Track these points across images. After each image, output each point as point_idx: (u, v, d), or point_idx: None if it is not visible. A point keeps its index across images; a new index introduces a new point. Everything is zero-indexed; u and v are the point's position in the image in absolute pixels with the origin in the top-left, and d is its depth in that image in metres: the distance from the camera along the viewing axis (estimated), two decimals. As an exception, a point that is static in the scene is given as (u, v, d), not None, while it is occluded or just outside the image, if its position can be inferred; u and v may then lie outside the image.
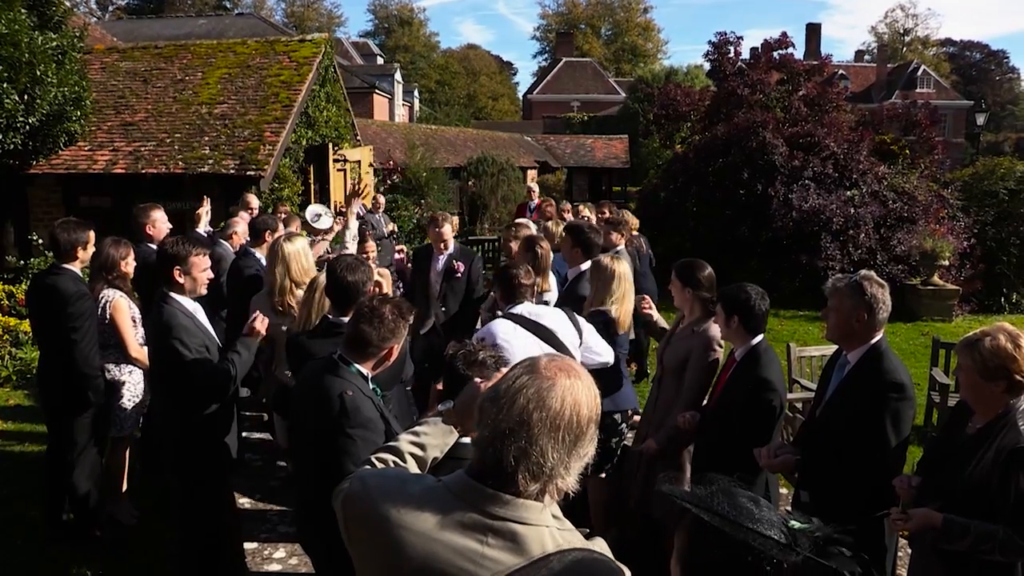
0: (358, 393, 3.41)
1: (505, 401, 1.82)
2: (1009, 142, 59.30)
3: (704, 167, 17.36)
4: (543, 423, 1.78)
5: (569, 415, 1.79)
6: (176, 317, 4.60)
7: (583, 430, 1.81)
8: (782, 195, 15.96)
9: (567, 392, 1.81)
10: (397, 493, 1.94)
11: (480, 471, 1.84)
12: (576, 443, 1.81)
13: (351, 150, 17.31)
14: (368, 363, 3.54)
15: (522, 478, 1.78)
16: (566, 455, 1.80)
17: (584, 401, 1.82)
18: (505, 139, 35.84)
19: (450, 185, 25.01)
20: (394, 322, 3.51)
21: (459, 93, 76.66)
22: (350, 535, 2.01)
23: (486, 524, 1.80)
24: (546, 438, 1.78)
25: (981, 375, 3.39)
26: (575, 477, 1.84)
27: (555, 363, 1.88)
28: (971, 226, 16.61)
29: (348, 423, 3.32)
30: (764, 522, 1.53)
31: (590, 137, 40.27)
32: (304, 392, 3.63)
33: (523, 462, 1.78)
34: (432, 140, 27.29)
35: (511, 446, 1.78)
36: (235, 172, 12.55)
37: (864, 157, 17.03)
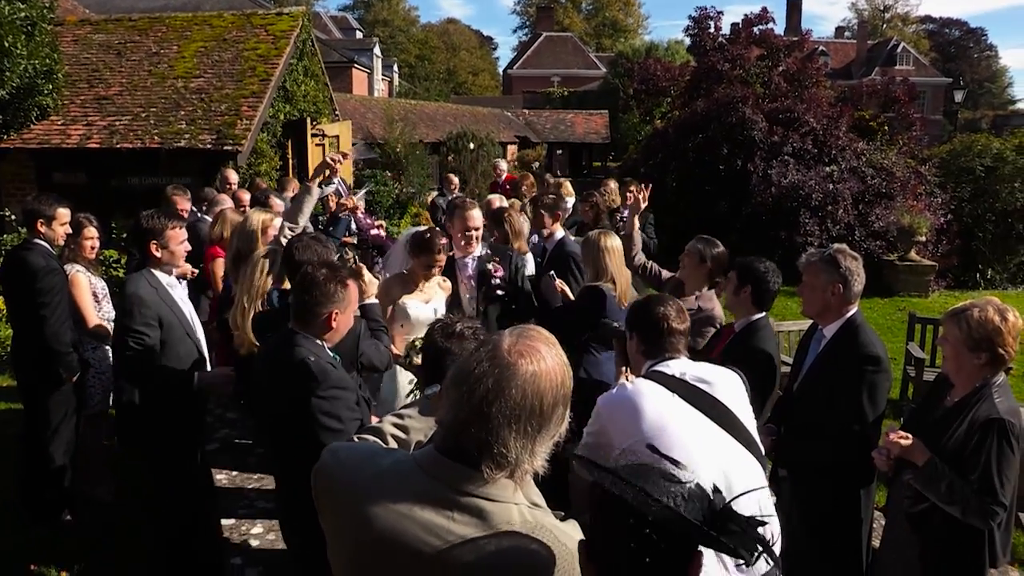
0: (319, 360, 3.38)
1: (465, 389, 1.77)
2: (986, 119, 59.68)
3: (684, 142, 17.37)
4: (502, 415, 1.73)
5: (531, 404, 1.74)
6: (139, 288, 4.56)
7: (547, 416, 1.77)
8: (761, 170, 16.00)
9: (528, 381, 1.75)
10: (367, 466, 1.93)
11: (448, 448, 1.82)
12: (541, 430, 1.77)
13: (330, 125, 17.16)
14: (316, 332, 3.49)
15: (486, 467, 1.76)
16: (530, 443, 1.76)
17: (547, 387, 1.77)
18: (485, 114, 35.72)
19: (429, 160, 24.85)
20: (327, 285, 3.45)
21: (439, 68, 76.15)
22: (321, 508, 2.00)
23: (453, 500, 1.78)
24: (506, 430, 1.73)
25: (966, 345, 3.44)
26: (543, 459, 1.80)
27: (518, 345, 1.80)
28: (948, 202, 16.73)
29: (319, 387, 3.30)
30: (664, 490, 1.54)
31: (570, 112, 40.21)
32: (266, 367, 3.59)
33: (486, 452, 1.75)
34: (411, 115, 27.11)
35: (472, 437, 1.75)
36: (212, 147, 12.37)
37: (843, 133, 17.09)
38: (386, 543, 1.79)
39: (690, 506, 1.54)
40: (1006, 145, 19.00)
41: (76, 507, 5.75)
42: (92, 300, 5.84)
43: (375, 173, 20.56)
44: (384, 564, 1.82)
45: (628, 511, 1.52)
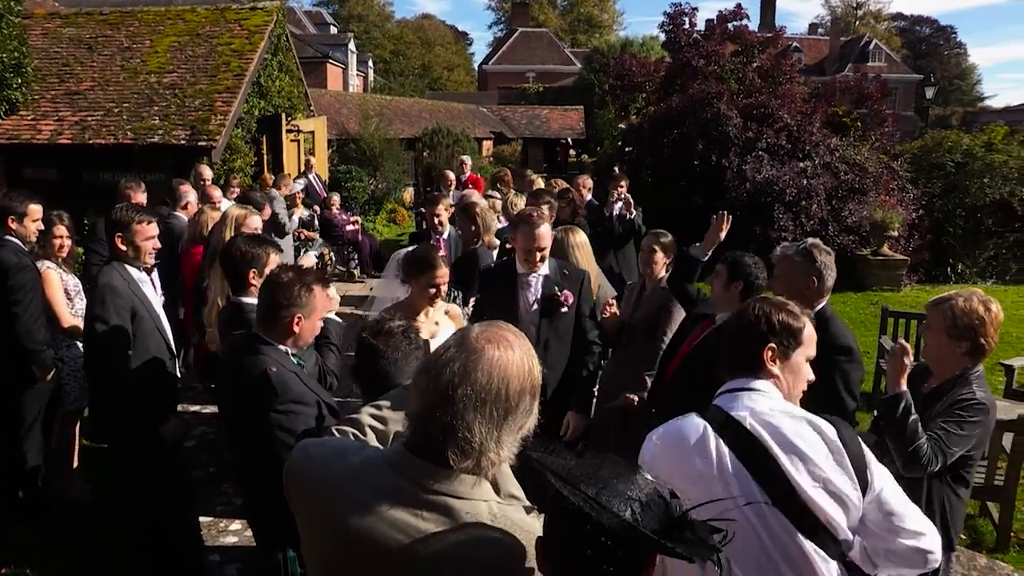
0: (282, 370, 3.35)
1: (432, 375, 1.78)
2: (956, 116, 60.28)
3: (659, 138, 17.38)
4: (468, 399, 1.74)
5: (497, 388, 1.75)
6: (112, 278, 4.55)
7: (513, 404, 1.77)
8: (736, 166, 16.05)
9: (494, 365, 1.76)
10: (337, 464, 1.93)
11: (415, 444, 1.83)
12: (506, 417, 1.77)
13: (305, 120, 17.09)
14: (278, 337, 3.45)
15: (451, 454, 1.76)
16: (495, 430, 1.76)
17: (514, 374, 1.78)
18: (460, 110, 35.64)
19: (405, 156, 24.77)
20: (292, 288, 3.42)
21: (414, 64, 75.81)
22: (294, 505, 2.00)
23: (421, 497, 1.78)
24: (472, 413, 1.74)
25: (948, 333, 3.53)
26: (510, 450, 1.80)
27: (486, 333, 1.82)
28: (919, 197, 16.90)
29: (277, 400, 3.27)
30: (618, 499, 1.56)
31: (545, 108, 40.20)
32: (227, 373, 3.57)
33: (451, 438, 1.75)
34: (387, 111, 26.96)
35: (438, 422, 1.76)
36: (186, 143, 12.30)
37: (817, 129, 17.17)
38: (356, 541, 1.80)
39: (647, 513, 1.56)
40: (975, 141, 19.24)
41: (53, 507, 5.69)
42: (64, 297, 5.79)
43: (350, 169, 20.47)
44: (354, 561, 1.82)
45: (585, 518, 1.54)
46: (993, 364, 8.81)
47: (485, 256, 6.27)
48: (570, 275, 5.11)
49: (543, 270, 4.95)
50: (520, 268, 4.97)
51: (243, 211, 5.63)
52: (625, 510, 1.55)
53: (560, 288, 4.93)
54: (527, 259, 4.89)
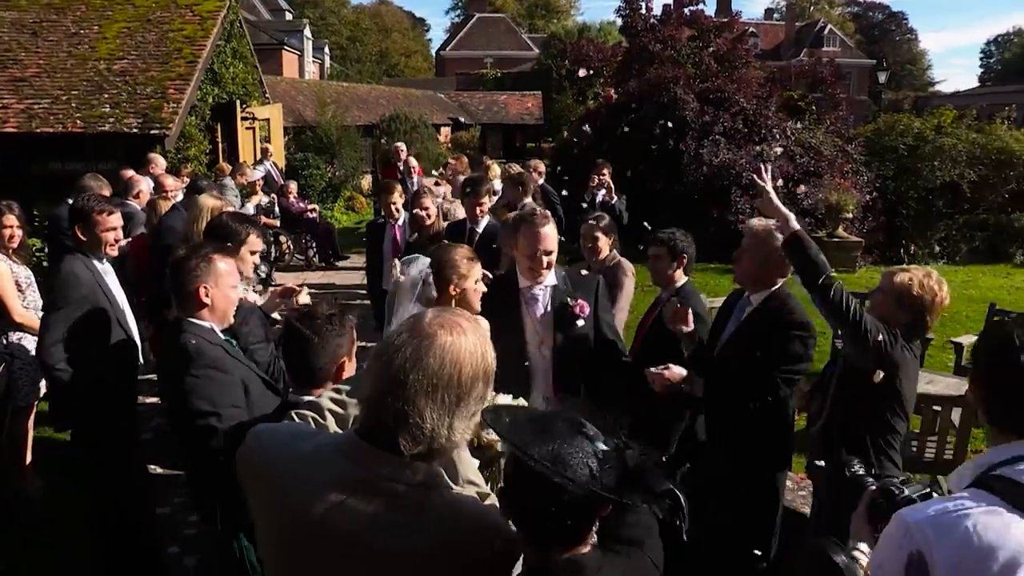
0: (202, 342, 3.36)
1: (384, 360, 1.78)
2: (908, 100, 61.21)
3: (616, 123, 17.43)
4: (419, 384, 1.73)
5: (448, 374, 1.75)
6: (75, 267, 4.50)
7: (465, 390, 1.77)
8: (693, 150, 16.18)
9: (446, 350, 1.76)
10: (289, 450, 1.92)
11: (368, 430, 1.82)
12: (459, 404, 1.77)
13: (260, 108, 16.90)
14: (193, 311, 3.47)
15: (402, 440, 1.75)
16: (447, 416, 1.76)
17: (466, 359, 1.77)
18: (418, 96, 35.48)
19: (362, 143, 24.59)
20: (188, 262, 3.45)
21: (371, 50, 75.23)
22: (247, 491, 1.98)
23: (373, 484, 1.77)
24: (423, 399, 1.73)
25: (898, 301, 3.63)
26: (463, 436, 1.80)
27: (439, 318, 1.82)
28: (873, 180, 17.20)
29: (192, 365, 3.26)
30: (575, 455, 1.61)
31: (503, 94, 40.15)
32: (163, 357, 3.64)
33: (402, 424, 1.75)
34: (343, 97, 26.79)
35: (389, 408, 1.75)
36: (138, 131, 12.08)
37: (773, 113, 17.36)
38: (308, 528, 1.79)
39: (604, 467, 1.61)
40: (926, 125, 19.60)
41: (6, 503, 5.59)
42: (15, 290, 5.66)
43: (307, 157, 20.27)
44: (307, 548, 1.81)
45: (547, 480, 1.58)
46: (944, 342, 8.99)
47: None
48: (581, 281, 4.43)
49: (549, 279, 4.26)
50: (522, 281, 4.26)
51: (218, 202, 5.57)
52: (584, 468, 1.58)
53: (572, 298, 4.24)
54: (531, 267, 4.16)
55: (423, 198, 7.50)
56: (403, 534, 1.74)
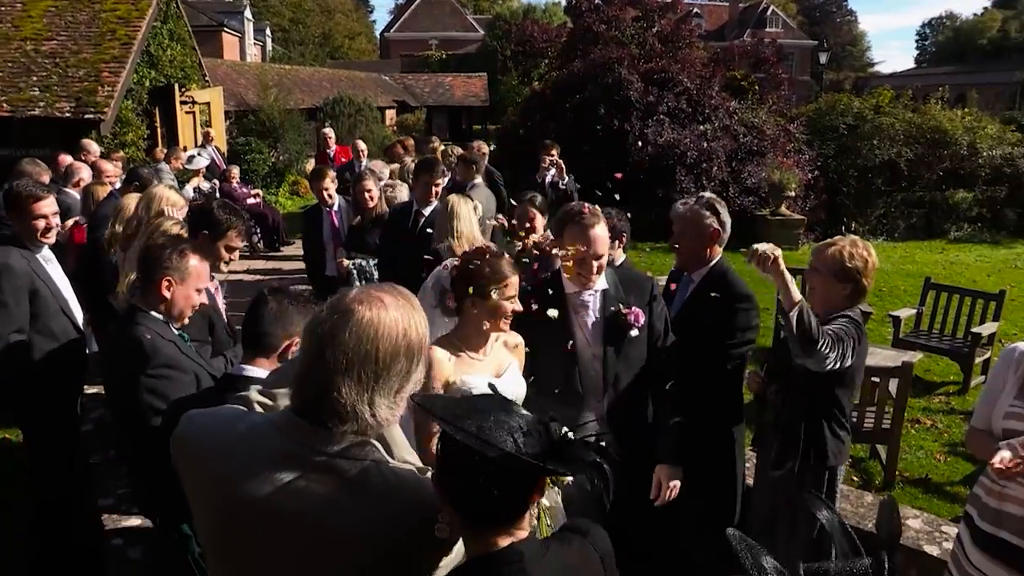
0: (157, 337, 3.29)
1: (308, 336, 1.78)
2: (849, 80, 62.29)
3: (561, 103, 17.44)
4: (335, 360, 1.72)
5: (365, 350, 1.72)
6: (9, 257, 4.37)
7: (384, 366, 1.74)
8: (638, 130, 16.27)
9: (365, 326, 1.74)
10: (224, 431, 1.90)
11: (299, 407, 1.80)
12: (377, 380, 1.74)
13: (200, 91, 16.57)
14: (152, 303, 3.41)
15: (327, 417, 1.74)
16: (365, 392, 1.73)
17: (384, 335, 1.75)
18: (362, 79, 35.09)
19: (306, 127, 24.25)
20: (163, 251, 3.40)
21: (314, 32, 74.14)
22: (182, 476, 1.95)
23: (309, 460, 1.76)
24: (340, 376, 1.72)
25: (836, 276, 3.70)
26: (387, 412, 1.78)
27: (362, 294, 1.79)
28: (815, 159, 17.47)
29: (148, 364, 3.21)
30: (499, 427, 1.61)
31: (449, 75, 39.88)
32: (108, 345, 3.56)
33: (323, 400, 1.73)
34: (286, 80, 26.35)
35: (311, 385, 1.75)
36: (71, 115, 11.74)
37: (716, 93, 17.53)
38: (246, 507, 1.76)
39: (529, 439, 1.61)
40: (865, 104, 19.97)
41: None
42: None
43: (250, 141, 19.94)
44: (246, 528, 1.79)
45: (472, 451, 1.58)
46: (882, 316, 9.18)
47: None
48: (634, 285, 3.93)
49: (599, 284, 3.80)
50: (569, 285, 3.82)
51: (171, 194, 5.45)
52: (507, 439, 1.58)
53: (624, 304, 3.81)
54: (580, 271, 3.72)
55: (365, 180, 7.41)
56: (341, 509, 1.72)
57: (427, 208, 6.91)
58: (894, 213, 18.42)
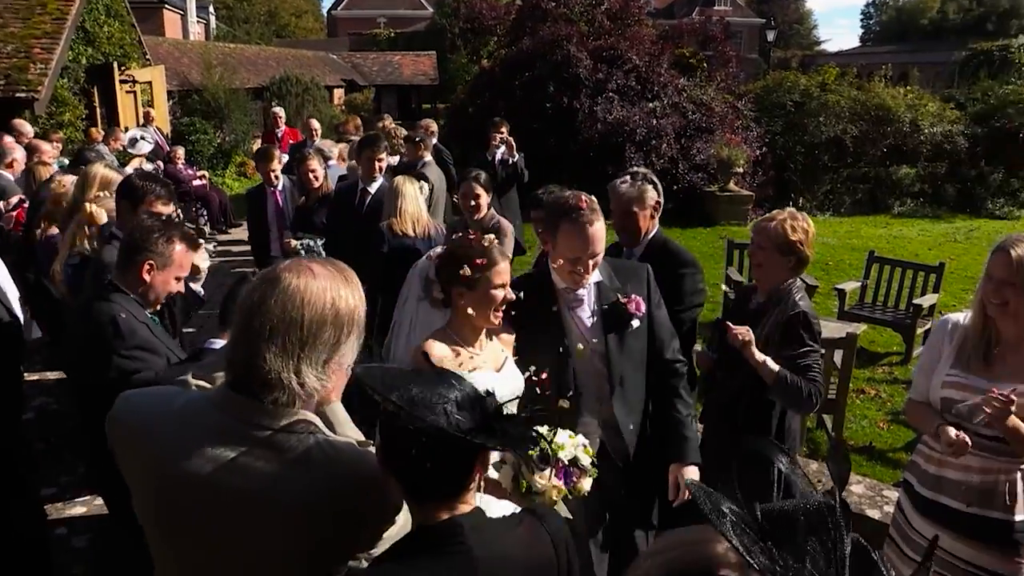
0: (131, 318, 3.27)
1: (238, 308, 1.78)
2: (796, 58, 62.93)
3: (510, 81, 17.37)
4: (261, 328, 1.72)
5: (289, 318, 1.72)
6: None
7: (309, 333, 1.74)
8: (587, 107, 16.28)
9: (288, 293, 1.74)
10: (160, 409, 1.88)
11: (233, 380, 1.80)
12: (303, 348, 1.74)
13: (140, 70, 16.18)
14: (130, 284, 3.37)
15: (257, 387, 1.74)
16: (290, 360, 1.73)
17: (312, 301, 1.74)
18: (310, 58, 34.57)
19: (252, 107, 23.86)
20: (151, 234, 3.36)
21: (259, 9, 72.75)
22: (119, 456, 1.92)
23: (247, 434, 1.75)
24: (264, 344, 1.72)
25: (779, 250, 3.77)
26: (316, 382, 1.77)
27: (292, 263, 1.80)
28: (762, 136, 17.66)
29: (124, 345, 3.19)
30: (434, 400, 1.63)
31: (397, 54, 39.49)
32: (77, 322, 3.46)
33: (251, 370, 1.73)
34: (231, 59, 25.85)
35: (240, 355, 1.75)
36: (1, 93, 11.34)
37: (665, 70, 17.58)
38: (185, 484, 1.75)
39: (462, 413, 1.63)
40: (811, 82, 20.23)
41: None
42: None
43: (194, 121, 19.55)
44: (185, 506, 1.77)
45: (403, 423, 1.61)
46: (828, 289, 9.32)
47: None
48: (629, 273, 3.68)
49: (592, 276, 3.49)
50: (561, 283, 3.51)
51: (110, 172, 5.32)
52: (440, 412, 1.60)
53: (623, 293, 3.53)
54: (572, 271, 3.39)
55: (309, 160, 7.32)
56: (283, 483, 1.72)
57: (373, 185, 6.87)
58: (840, 189, 18.72)
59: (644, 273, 3.67)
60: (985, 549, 3.21)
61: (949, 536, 3.25)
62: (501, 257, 3.07)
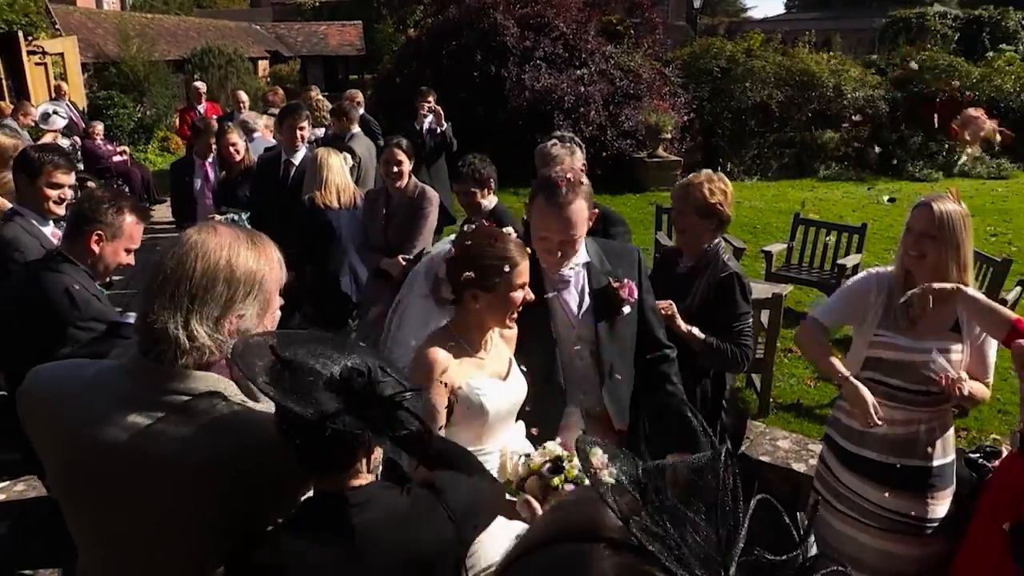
0: (83, 289, 3.24)
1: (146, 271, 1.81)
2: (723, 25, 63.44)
3: (437, 50, 17.17)
4: (157, 284, 1.73)
5: (182, 272, 1.73)
6: None
7: (200, 287, 1.73)
8: (515, 76, 16.18)
9: (187, 249, 1.75)
10: (70, 379, 1.85)
11: (140, 343, 1.78)
12: (193, 300, 1.73)
13: (51, 41, 15.60)
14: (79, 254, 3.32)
15: (150, 342, 1.74)
16: (179, 312, 1.72)
17: (204, 256, 1.74)
18: (232, 28, 33.76)
19: (174, 80, 23.21)
20: (100, 204, 3.33)
21: (178, -21, 70.74)
22: (30, 431, 1.88)
23: (157, 399, 1.74)
24: (158, 299, 1.72)
25: (699, 213, 3.85)
26: (208, 340, 1.74)
27: (201, 224, 1.82)
28: (690, 102, 17.81)
29: (80, 316, 3.17)
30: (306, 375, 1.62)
31: (323, 24, 38.71)
32: (20, 293, 3.36)
33: (148, 328, 1.74)
34: (149, 30, 25.05)
35: (144, 315, 1.75)
36: None
37: (592, 37, 17.53)
38: (97, 452, 1.73)
39: (328, 395, 1.61)
40: (737, 48, 20.41)
41: None
42: None
43: (112, 95, 18.93)
44: (97, 476, 1.75)
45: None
46: (756, 252, 9.46)
47: None
48: (619, 255, 3.47)
49: (580, 257, 3.30)
50: (545, 263, 3.25)
51: (13, 140, 5.12)
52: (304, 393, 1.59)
53: (614, 277, 3.32)
54: (546, 252, 3.18)
55: (229, 133, 7.14)
56: (188, 444, 1.71)
57: (296, 156, 6.78)
58: (767, 153, 18.95)
59: (635, 256, 3.48)
60: (903, 495, 3.41)
61: (872, 486, 3.43)
62: (522, 256, 2.78)
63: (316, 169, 6.08)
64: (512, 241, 2.78)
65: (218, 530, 1.76)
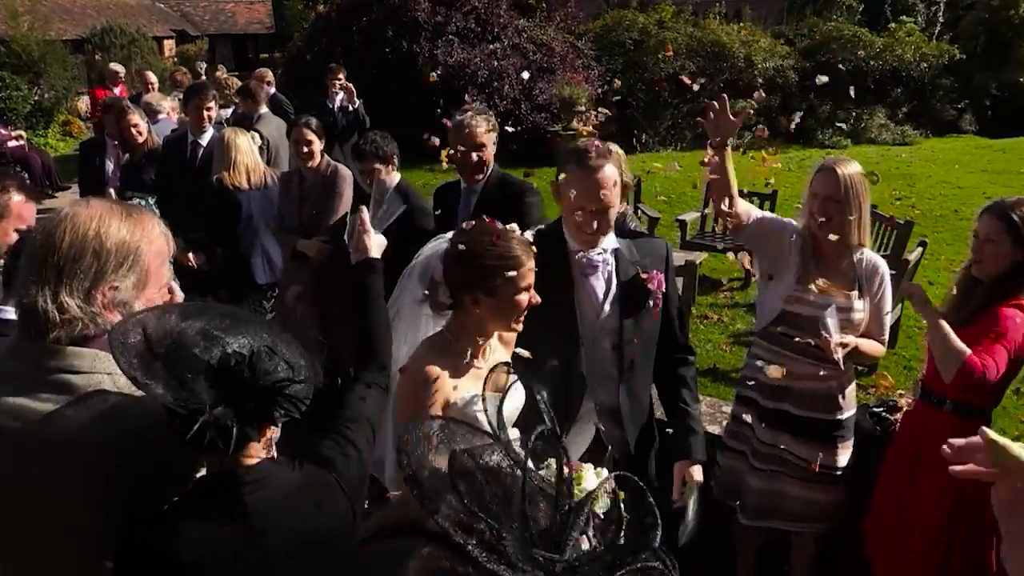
0: None
1: None
2: (636, -2, 64.03)
3: (348, 27, 16.90)
4: (30, 262, 1.72)
5: (49, 244, 1.70)
6: None
7: (69, 258, 1.70)
8: (427, 51, 16.04)
9: (58, 222, 1.72)
10: None
11: (22, 325, 1.75)
12: (61, 272, 1.70)
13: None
14: None
15: (25, 318, 1.72)
16: (48, 284, 1.69)
17: (73, 228, 1.72)
18: (133, 6, 32.58)
19: (73, 60, 22.33)
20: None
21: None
22: None
23: (37, 378, 1.71)
24: (27, 274, 1.70)
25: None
26: (79, 312, 1.71)
27: (78, 199, 1.85)
28: (604, 74, 17.87)
29: None
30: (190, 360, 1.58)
31: (230, 1, 37.73)
32: None
33: (24, 306, 1.71)
34: (41, 7, 24.00)
35: (15, 290, 1.74)
36: None
37: (504, 11, 17.47)
38: None
39: (204, 385, 1.56)
40: (649, 20, 20.59)
41: None
42: None
43: (2, 77, 18.12)
44: None
45: None
46: (671, 221, 9.59)
47: None
48: (647, 247, 3.30)
49: (610, 242, 3.14)
50: (574, 243, 3.11)
51: None
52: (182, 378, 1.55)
53: (643, 267, 3.14)
54: (584, 223, 3.00)
55: (129, 114, 6.90)
56: (63, 419, 1.69)
57: (203, 137, 6.65)
58: (681, 124, 19.20)
59: (663, 250, 3.29)
60: (814, 444, 3.65)
61: (788, 438, 3.69)
62: (527, 255, 2.57)
63: (224, 150, 5.99)
64: (516, 239, 2.59)
65: (108, 511, 1.72)
